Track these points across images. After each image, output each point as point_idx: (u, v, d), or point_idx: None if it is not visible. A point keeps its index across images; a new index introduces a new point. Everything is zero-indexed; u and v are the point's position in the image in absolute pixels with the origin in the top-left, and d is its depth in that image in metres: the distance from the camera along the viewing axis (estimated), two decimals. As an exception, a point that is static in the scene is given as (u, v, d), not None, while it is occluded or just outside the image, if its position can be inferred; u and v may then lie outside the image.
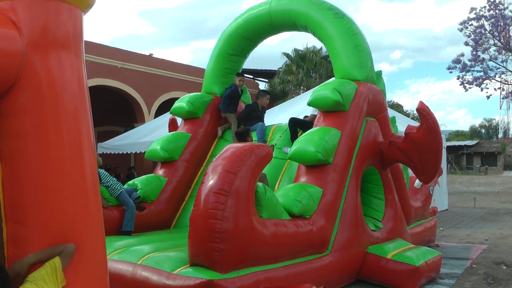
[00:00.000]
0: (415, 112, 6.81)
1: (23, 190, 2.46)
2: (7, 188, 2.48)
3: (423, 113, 6.59)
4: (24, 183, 2.46)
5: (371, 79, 7.35)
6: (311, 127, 7.07)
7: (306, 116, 8.41)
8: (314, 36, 7.80)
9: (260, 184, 5.02)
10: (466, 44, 28.33)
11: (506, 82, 30.69)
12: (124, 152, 15.25)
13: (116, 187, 6.86)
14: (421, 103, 6.67)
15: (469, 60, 28.65)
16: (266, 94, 8.68)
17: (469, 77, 29.22)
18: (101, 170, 7.04)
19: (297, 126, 7.68)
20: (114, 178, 7.02)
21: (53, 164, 2.49)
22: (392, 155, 7.08)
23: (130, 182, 7.59)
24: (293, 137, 7.46)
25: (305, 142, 6.32)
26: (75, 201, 2.55)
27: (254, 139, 7.82)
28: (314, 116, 7.88)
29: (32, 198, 2.46)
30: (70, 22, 2.65)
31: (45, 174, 2.47)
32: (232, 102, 8.41)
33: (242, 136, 6.72)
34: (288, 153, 7.18)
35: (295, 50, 29.63)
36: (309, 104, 7.16)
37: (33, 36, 2.51)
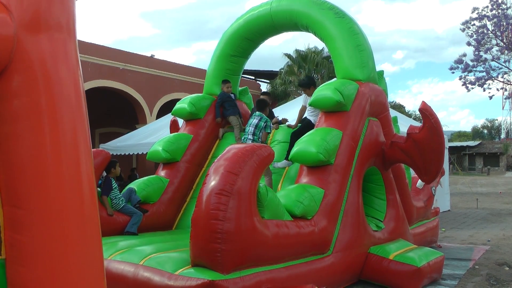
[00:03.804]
0: (418, 112, 6.79)
1: (18, 173, 2.46)
2: (2, 172, 2.48)
3: (426, 113, 6.58)
4: (18, 167, 2.46)
5: (373, 79, 7.34)
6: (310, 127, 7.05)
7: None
8: (315, 36, 7.80)
9: (261, 185, 5.02)
10: (469, 44, 28.28)
11: (509, 82, 30.63)
12: (126, 153, 15.26)
13: (118, 202, 6.91)
14: (423, 103, 6.65)
15: (471, 60, 28.59)
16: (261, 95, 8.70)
17: (471, 77, 29.16)
18: (114, 182, 7.08)
19: (298, 137, 7.43)
20: (120, 194, 7.06)
21: (47, 147, 2.49)
22: (394, 155, 7.07)
23: (131, 184, 7.60)
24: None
25: (307, 143, 6.32)
26: (70, 184, 2.55)
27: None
28: (302, 109, 7.83)
29: (27, 182, 2.46)
30: (62, 5, 2.64)
31: (40, 157, 2.47)
32: (227, 107, 8.41)
33: (261, 106, 7.42)
34: (279, 167, 7.21)
35: (297, 51, 29.60)
36: (311, 104, 7.14)
37: (25, 19, 2.49)
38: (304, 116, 7.70)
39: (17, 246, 2.46)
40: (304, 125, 7.44)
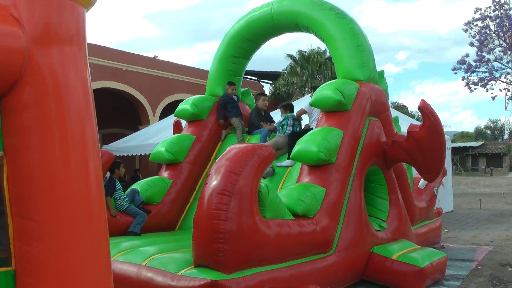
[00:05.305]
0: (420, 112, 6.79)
1: (28, 185, 2.48)
2: (13, 184, 2.50)
3: (425, 111, 6.59)
4: (29, 179, 2.48)
5: (373, 79, 7.35)
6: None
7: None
8: (316, 36, 7.83)
9: (263, 184, 5.03)
10: (471, 44, 28.28)
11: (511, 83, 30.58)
12: (129, 154, 15.29)
13: (122, 203, 6.91)
14: (423, 101, 6.67)
15: (474, 61, 28.59)
16: (261, 96, 8.68)
17: (474, 78, 29.16)
18: (118, 182, 7.08)
19: (296, 139, 7.51)
20: (124, 195, 7.06)
21: (57, 159, 2.51)
22: (395, 155, 7.08)
23: (134, 185, 7.62)
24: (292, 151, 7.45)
25: (308, 142, 6.33)
26: (80, 196, 2.57)
27: (256, 141, 7.85)
28: (302, 111, 7.89)
29: (37, 193, 2.47)
30: (72, 19, 2.67)
31: (50, 169, 2.49)
32: (229, 109, 8.43)
33: (292, 108, 7.90)
34: (283, 166, 7.24)
35: (300, 52, 29.57)
36: (311, 104, 7.17)
37: (36, 32, 2.52)
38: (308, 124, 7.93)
39: (26, 257, 2.48)
40: (306, 130, 7.50)
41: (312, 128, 7.48)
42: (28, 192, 2.48)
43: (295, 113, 8.03)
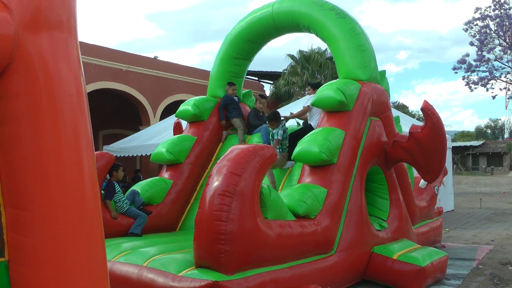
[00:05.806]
0: (421, 112, 6.79)
1: (20, 174, 2.45)
2: (4, 173, 2.47)
3: (428, 112, 6.59)
4: (21, 168, 2.44)
5: (375, 79, 7.36)
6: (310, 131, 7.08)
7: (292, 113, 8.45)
8: (317, 36, 7.84)
9: (264, 185, 5.04)
10: (471, 44, 28.28)
11: (512, 82, 30.58)
12: (130, 155, 15.29)
13: (122, 205, 6.92)
14: (425, 102, 6.67)
15: (474, 60, 28.59)
16: (259, 99, 8.76)
17: (474, 77, 29.17)
18: (117, 185, 7.09)
19: (296, 139, 7.24)
20: (124, 197, 7.06)
21: (49, 148, 2.47)
22: (396, 155, 7.08)
23: (135, 186, 7.62)
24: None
25: (309, 142, 6.34)
26: (72, 185, 2.53)
27: (257, 140, 7.86)
28: (306, 109, 7.86)
29: (29, 183, 2.44)
30: (63, 3, 2.61)
31: (42, 158, 2.46)
32: (230, 110, 8.46)
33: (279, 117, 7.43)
34: (283, 167, 7.26)
35: (300, 52, 29.56)
36: (313, 104, 7.18)
37: (25, 18, 2.47)
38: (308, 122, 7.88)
39: (19, 247, 2.46)
40: (305, 128, 7.49)
41: (310, 126, 7.49)
42: (20, 181, 2.45)
43: (296, 112, 8.10)
